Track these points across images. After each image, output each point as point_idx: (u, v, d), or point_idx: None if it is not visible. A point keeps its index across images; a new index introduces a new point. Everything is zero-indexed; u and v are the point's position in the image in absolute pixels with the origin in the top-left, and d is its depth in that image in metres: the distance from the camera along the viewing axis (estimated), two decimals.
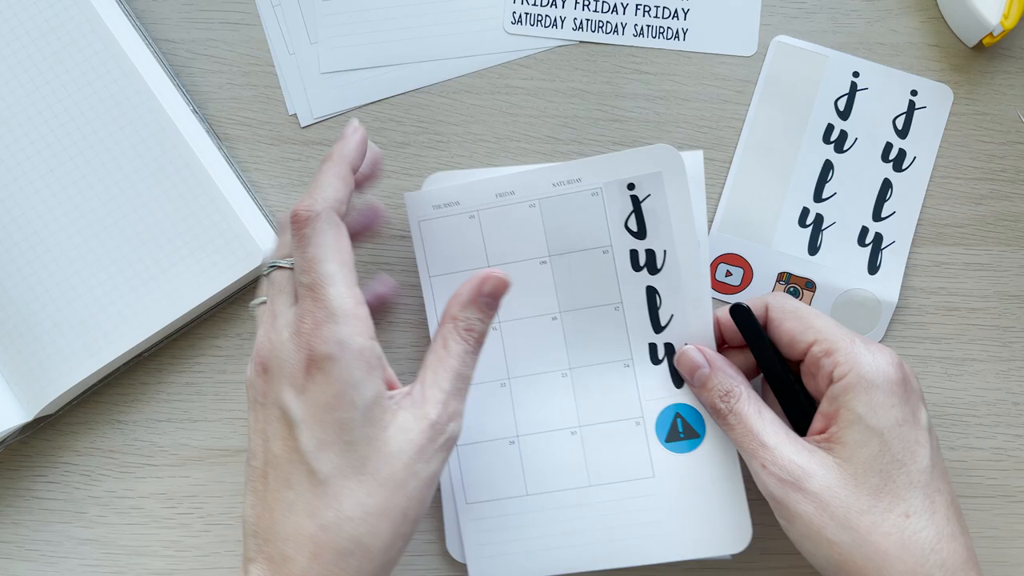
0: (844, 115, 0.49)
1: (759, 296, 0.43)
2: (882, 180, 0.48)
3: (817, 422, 0.40)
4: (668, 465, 0.44)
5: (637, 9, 0.47)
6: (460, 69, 0.49)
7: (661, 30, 0.46)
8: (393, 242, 0.47)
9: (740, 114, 0.49)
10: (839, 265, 0.48)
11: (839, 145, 0.48)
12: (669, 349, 0.44)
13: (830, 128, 0.49)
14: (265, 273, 0.39)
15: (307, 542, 0.34)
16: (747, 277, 0.48)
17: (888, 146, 0.49)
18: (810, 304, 0.47)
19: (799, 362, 0.42)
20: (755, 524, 0.43)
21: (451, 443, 0.37)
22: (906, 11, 0.50)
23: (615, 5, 0.46)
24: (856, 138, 0.49)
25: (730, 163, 0.48)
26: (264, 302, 0.39)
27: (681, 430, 0.44)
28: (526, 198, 0.44)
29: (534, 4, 0.46)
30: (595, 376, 0.45)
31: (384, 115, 0.49)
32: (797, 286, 0.48)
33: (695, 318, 0.44)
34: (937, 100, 0.49)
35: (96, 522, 0.46)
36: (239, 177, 0.47)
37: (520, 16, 0.45)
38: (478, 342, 0.39)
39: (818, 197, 0.48)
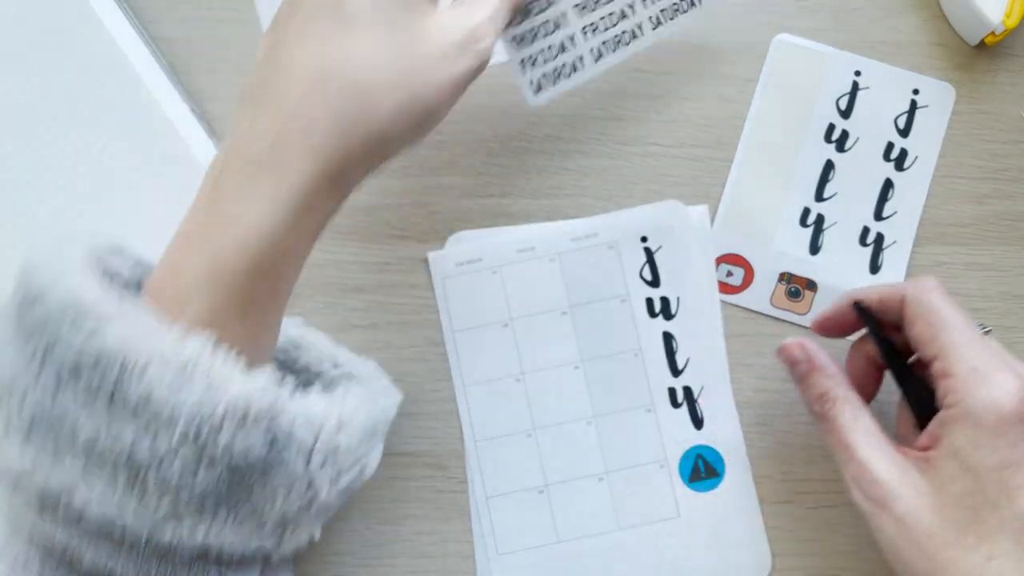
0: (846, 114, 0.48)
1: (904, 283, 0.41)
2: (884, 179, 0.48)
3: (923, 438, 0.38)
4: (692, 505, 0.45)
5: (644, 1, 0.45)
6: None
7: (676, 7, 0.44)
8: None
9: (741, 113, 0.49)
10: (840, 265, 0.47)
11: (840, 144, 0.48)
12: (687, 392, 0.46)
13: (831, 127, 0.48)
14: None
15: (304, 76, 0.33)
16: (748, 277, 0.47)
17: (890, 145, 0.48)
18: (811, 305, 0.47)
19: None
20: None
21: (481, 60, 0.36)
22: (908, 10, 0.49)
23: (622, 11, 0.45)
24: (858, 137, 0.48)
25: (731, 162, 0.48)
26: None
27: (703, 470, 0.46)
28: (546, 253, 0.47)
29: (546, 62, 0.44)
30: (618, 422, 0.46)
31: None
32: (798, 286, 0.47)
33: (710, 361, 0.46)
34: (939, 99, 0.49)
35: None
36: None
37: (538, 83, 0.44)
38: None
39: (819, 196, 0.48)
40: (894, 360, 0.40)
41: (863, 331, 0.42)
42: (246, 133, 0.33)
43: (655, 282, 0.47)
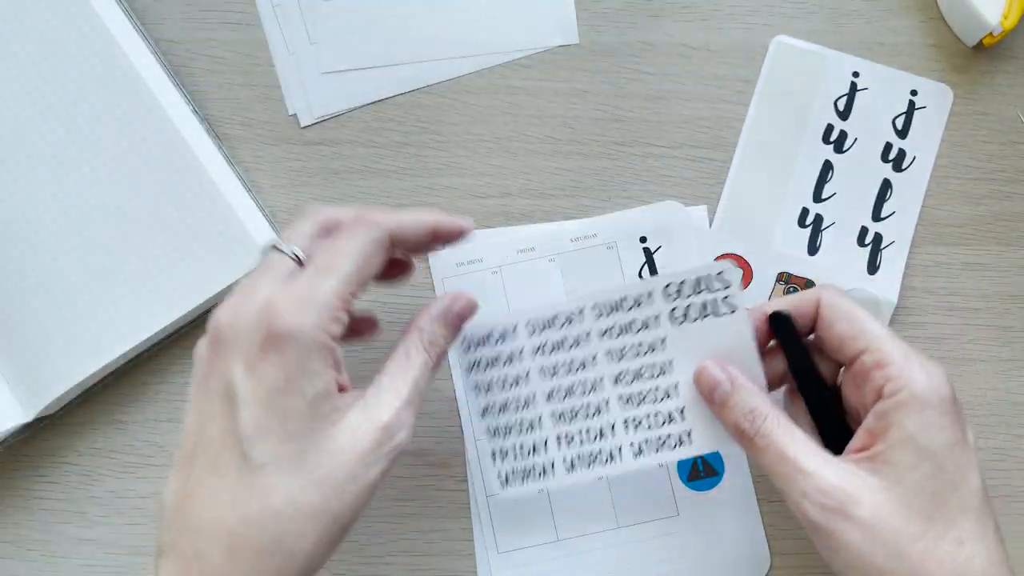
0: (844, 115, 0.49)
1: (812, 289, 0.40)
2: (882, 180, 0.48)
3: (859, 439, 0.37)
4: (691, 503, 0.45)
5: (627, 426, 0.41)
6: (460, 69, 0.49)
7: (662, 440, 0.41)
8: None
9: (740, 114, 0.49)
10: (839, 265, 0.48)
11: (839, 145, 0.49)
12: None
13: (830, 128, 0.49)
14: (264, 251, 0.37)
15: (224, 537, 0.32)
16: (747, 277, 0.48)
17: (888, 146, 0.49)
18: None
19: (839, 367, 0.40)
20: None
21: (397, 452, 0.35)
22: (906, 11, 0.50)
23: (600, 429, 0.41)
24: (856, 138, 0.49)
25: (730, 163, 0.48)
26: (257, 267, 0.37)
27: (702, 469, 0.46)
28: (545, 253, 0.47)
29: (516, 459, 0.43)
30: None
31: (384, 115, 0.49)
32: (797, 286, 0.48)
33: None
34: (937, 100, 0.49)
35: (96, 522, 0.46)
36: (239, 177, 0.47)
37: (507, 476, 0.43)
38: (439, 357, 0.38)
39: (818, 197, 0.48)
40: (809, 371, 0.39)
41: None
42: None
43: None
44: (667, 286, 0.40)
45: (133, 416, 0.47)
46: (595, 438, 0.41)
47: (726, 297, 0.39)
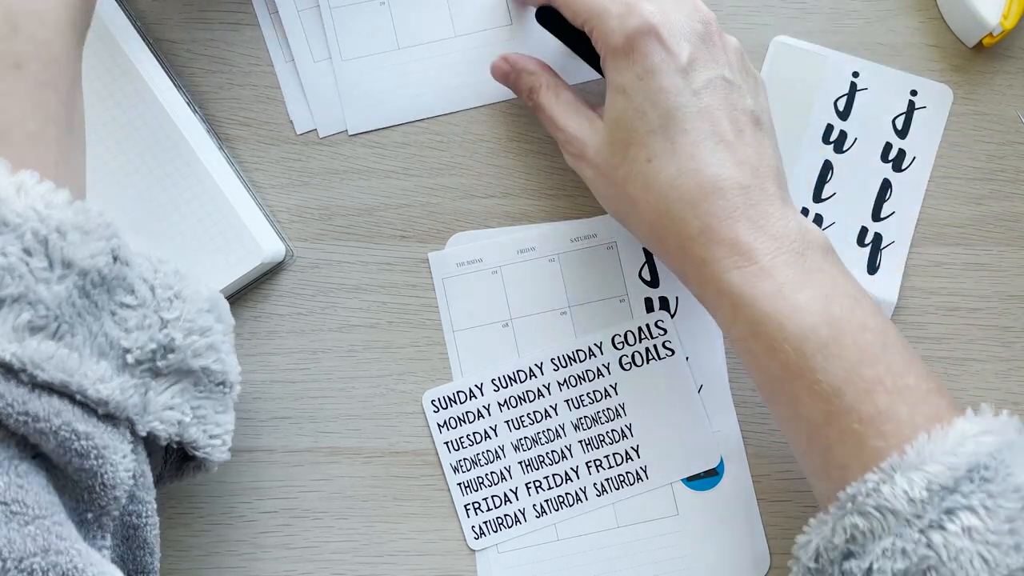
0: (843, 115, 0.49)
1: None
2: (881, 180, 0.48)
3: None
4: (691, 503, 0.46)
5: (590, 468, 0.45)
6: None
7: (621, 478, 0.45)
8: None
9: None
10: None
11: (838, 145, 0.49)
12: None
13: (829, 128, 0.49)
14: None
15: None
16: None
17: (888, 146, 0.49)
18: None
19: None
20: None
21: None
22: (906, 11, 0.50)
23: (566, 472, 0.45)
24: (855, 138, 0.49)
25: None
26: None
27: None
28: (546, 253, 0.47)
29: (488, 511, 0.45)
30: None
31: None
32: None
33: (709, 360, 0.46)
34: (937, 100, 0.49)
35: None
36: (239, 177, 0.47)
37: (480, 529, 0.45)
38: None
39: (817, 197, 0.48)
40: (581, 47, 0.44)
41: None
42: None
43: (654, 282, 0.47)
44: (614, 337, 0.46)
45: None
46: (561, 482, 0.45)
47: (665, 342, 0.45)
